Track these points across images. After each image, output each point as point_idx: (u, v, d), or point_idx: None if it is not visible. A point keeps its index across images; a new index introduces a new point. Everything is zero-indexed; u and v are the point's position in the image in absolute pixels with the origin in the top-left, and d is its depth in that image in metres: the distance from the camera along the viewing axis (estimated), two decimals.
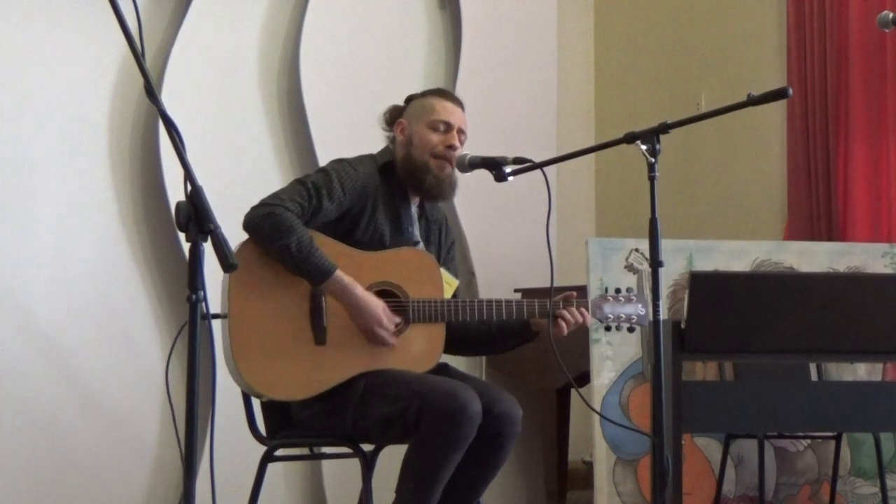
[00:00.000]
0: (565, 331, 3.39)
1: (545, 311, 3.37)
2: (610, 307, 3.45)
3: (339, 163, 3.41)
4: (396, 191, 3.46)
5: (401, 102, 3.60)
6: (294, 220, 3.21)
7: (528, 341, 3.52)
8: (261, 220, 3.20)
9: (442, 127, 3.46)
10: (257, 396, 3.35)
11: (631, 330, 3.50)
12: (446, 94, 3.60)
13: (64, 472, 4.28)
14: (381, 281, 3.32)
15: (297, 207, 3.24)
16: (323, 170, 3.40)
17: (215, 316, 3.18)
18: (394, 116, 3.56)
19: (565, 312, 3.38)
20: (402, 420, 3.18)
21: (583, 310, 3.42)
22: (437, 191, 3.48)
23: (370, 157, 3.50)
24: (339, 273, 3.23)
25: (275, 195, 3.28)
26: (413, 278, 3.34)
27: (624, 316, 3.45)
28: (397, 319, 3.30)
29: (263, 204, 3.24)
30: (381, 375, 3.27)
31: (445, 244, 3.62)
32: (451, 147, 3.45)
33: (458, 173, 3.46)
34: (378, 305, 3.27)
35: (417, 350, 3.34)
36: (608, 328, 3.49)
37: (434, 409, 3.13)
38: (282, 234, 3.18)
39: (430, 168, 3.44)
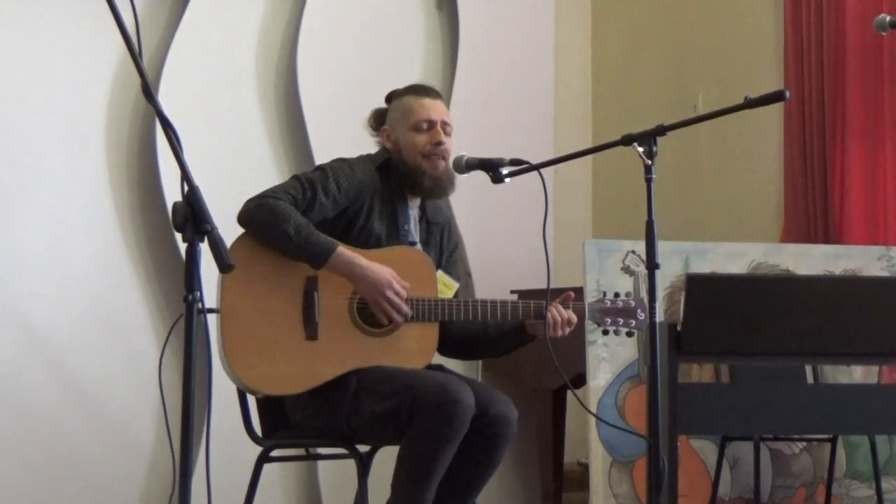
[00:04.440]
0: (552, 330, 3.37)
1: (539, 310, 3.37)
2: (609, 311, 3.45)
3: (338, 161, 3.44)
4: (395, 190, 3.47)
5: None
6: (288, 207, 3.22)
7: (524, 344, 3.52)
8: (255, 210, 3.23)
9: (425, 126, 3.47)
10: (247, 391, 3.36)
11: (630, 335, 3.50)
12: (421, 90, 3.58)
13: (59, 472, 4.28)
14: None
15: (289, 198, 3.26)
16: (320, 167, 3.42)
17: (211, 310, 3.19)
18: (378, 121, 3.57)
19: (553, 311, 3.37)
20: (395, 417, 3.19)
21: (569, 311, 3.40)
22: (437, 190, 3.50)
23: (369, 156, 3.52)
24: (341, 249, 3.24)
25: (268, 189, 3.31)
26: (408, 277, 3.34)
27: (622, 321, 3.45)
28: (407, 283, 3.30)
29: (255, 197, 3.27)
30: (374, 373, 3.27)
31: (448, 247, 3.61)
32: (438, 143, 3.45)
33: (453, 169, 3.46)
34: (386, 271, 3.27)
35: (410, 348, 3.34)
36: (606, 332, 3.49)
37: (426, 403, 3.14)
38: (278, 221, 3.19)
39: (424, 170, 3.44)
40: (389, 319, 3.29)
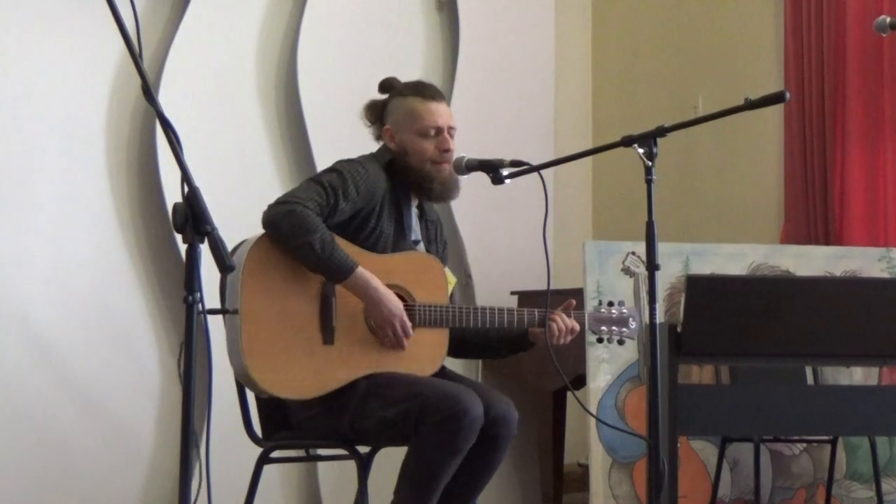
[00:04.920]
0: (555, 339, 3.39)
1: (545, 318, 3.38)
2: (603, 320, 3.47)
3: (348, 163, 3.40)
4: (400, 191, 3.47)
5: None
6: (316, 218, 3.21)
7: (524, 350, 3.53)
8: (283, 217, 3.20)
9: (432, 132, 3.46)
10: (262, 394, 3.33)
11: (621, 343, 3.53)
12: (426, 92, 3.54)
13: (60, 472, 4.28)
14: (389, 283, 3.31)
15: (316, 206, 3.23)
16: (335, 170, 3.37)
17: (211, 311, 3.17)
18: (375, 113, 3.55)
19: (557, 319, 3.38)
20: (402, 424, 3.19)
21: (573, 320, 3.42)
22: (445, 195, 3.51)
23: (373, 156, 3.50)
24: (360, 269, 3.23)
25: (292, 194, 3.28)
26: (420, 282, 3.35)
27: (616, 329, 3.48)
28: (410, 324, 3.30)
29: (284, 202, 3.23)
30: (383, 378, 3.27)
31: (441, 243, 3.64)
32: (446, 150, 3.45)
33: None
34: (399, 305, 3.27)
35: (421, 354, 3.35)
36: (600, 340, 3.51)
37: (435, 413, 3.14)
38: (305, 232, 3.17)
39: (432, 176, 3.44)
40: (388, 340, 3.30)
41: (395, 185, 3.46)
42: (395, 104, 3.52)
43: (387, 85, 3.57)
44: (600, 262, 4.68)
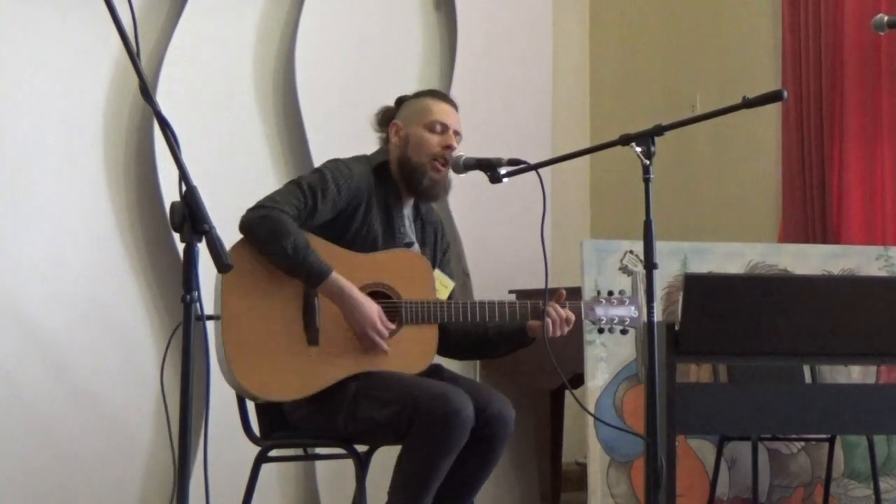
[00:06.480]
0: (551, 330, 3.37)
1: (536, 310, 3.36)
2: (603, 309, 3.45)
3: (333, 162, 3.42)
4: (390, 192, 3.47)
5: (392, 104, 3.60)
6: (290, 222, 3.21)
7: (524, 346, 3.51)
8: (257, 222, 3.21)
9: (439, 128, 3.46)
10: (250, 398, 3.34)
11: (624, 332, 3.50)
12: (440, 94, 3.61)
13: (58, 471, 4.28)
14: (374, 282, 3.32)
15: (293, 210, 3.24)
16: (318, 170, 3.41)
17: (210, 317, 3.18)
18: (386, 118, 3.56)
19: (551, 310, 3.37)
20: (394, 424, 3.18)
21: (567, 310, 3.41)
22: (431, 193, 3.49)
23: (365, 157, 3.51)
24: (334, 275, 3.23)
25: (270, 198, 3.28)
26: (405, 279, 3.34)
27: (617, 318, 3.44)
28: (392, 326, 3.30)
29: (259, 206, 3.24)
30: (373, 378, 3.27)
31: (441, 247, 3.61)
32: (449, 147, 3.45)
33: (452, 174, 3.46)
34: (373, 309, 3.26)
35: (410, 351, 3.34)
36: (601, 330, 3.48)
37: (426, 413, 3.13)
38: (278, 237, 3.18)
39: (426, 170, 3.44)
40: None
41: (385, 185, 3.46)
42: (406, 104, 3.55)
43: (401, 99, 3.58)
44: (598, 261, 4.68)
